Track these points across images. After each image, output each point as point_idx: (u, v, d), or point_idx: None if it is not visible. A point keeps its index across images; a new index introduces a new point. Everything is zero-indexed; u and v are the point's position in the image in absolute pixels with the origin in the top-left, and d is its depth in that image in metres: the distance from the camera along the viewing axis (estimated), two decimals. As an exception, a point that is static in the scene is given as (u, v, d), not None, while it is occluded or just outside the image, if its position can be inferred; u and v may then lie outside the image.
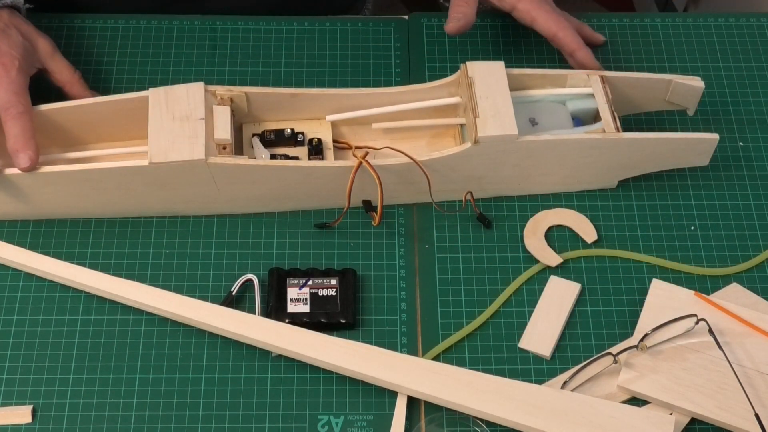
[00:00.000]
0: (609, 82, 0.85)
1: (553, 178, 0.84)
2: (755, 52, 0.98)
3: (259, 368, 0.76)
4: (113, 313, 0.79)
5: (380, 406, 0.75)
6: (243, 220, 0.84)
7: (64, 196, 0.80)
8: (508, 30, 0.98)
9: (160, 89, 0.81)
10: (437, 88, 0.85)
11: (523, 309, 0.80)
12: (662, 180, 0.88)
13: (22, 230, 0.83)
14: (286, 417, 0.74)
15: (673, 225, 0.85)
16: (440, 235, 0.84)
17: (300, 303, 0.78)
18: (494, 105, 0.80)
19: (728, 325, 0.77)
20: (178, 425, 0.74)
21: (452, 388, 0.73)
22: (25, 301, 0.79)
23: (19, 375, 0.76)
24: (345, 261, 0.82)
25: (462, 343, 0.78)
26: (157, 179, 0.79)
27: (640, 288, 0.81)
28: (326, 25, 0.98)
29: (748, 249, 0.84)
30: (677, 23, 1.00)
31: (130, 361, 0.77)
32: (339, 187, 0.80)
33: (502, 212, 0.85)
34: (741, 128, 0.92)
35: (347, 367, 0.74)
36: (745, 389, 0.73)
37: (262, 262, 0.82)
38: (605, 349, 0.77)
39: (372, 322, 0.79)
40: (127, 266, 0.81)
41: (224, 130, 0.80)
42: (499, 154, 0.81)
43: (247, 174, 0.80)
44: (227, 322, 0.76)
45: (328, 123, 0.85)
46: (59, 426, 0.73)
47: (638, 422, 0.71)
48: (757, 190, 0.88)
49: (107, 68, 0.93)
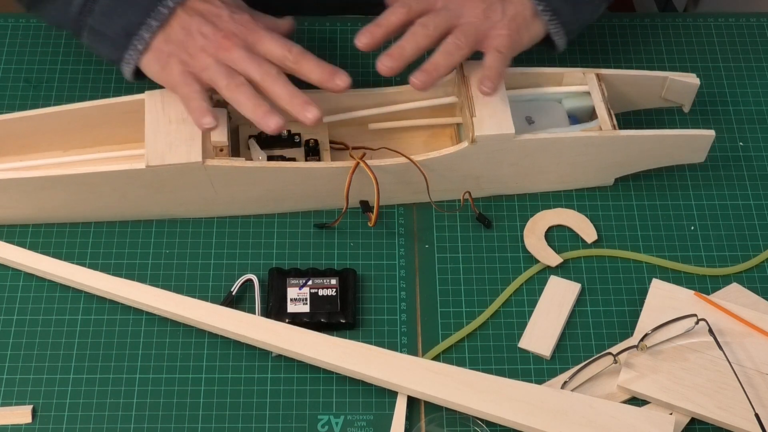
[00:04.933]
0: (605, 79, 0.85)
1: (551, 176, 0.84)
2: (755, 51, 0.98)
3: (259, 368, 0.77)
4: (113, 313, 0.79)
5: (380, 406, 0.75)
6: (243, 220, 0.84)
7: (61, 200, 0.80)
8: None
9: (156, 92, 0.81)
10: (434, 88, 0.84)
11: (523, 309, 0.80)
12: (662, 180, 0.88)
13: (22, 230, 0.83)
14: (286, 417, 0.74)
15: (673, 225, 0.85)
16: (440, 235, 0.84)
17: (300, 303, 0.78)
18: (491, 104, 0.80)
19: (728, 325, 0.77)
20: (178, 425, 0.74)
21: (452, 388, 0.73)
22: (25, 301, 0.79)
23: (19, 375, 0.76)
24: (345, 261, 0.82)
25: (462, 343, 0.78)
26: (154, 182, 0.79)
27: (640, 288, 0.81)
28: (326, 25, 0.98)
29: (748, 249, 0.84)
30: (677, 23, 1.00)
31: (130, 361, 0.77)
32: (336, 187, 0.80)
33: (502, 212, 0.85)
34: (741, 128, 0.92)
35: (347, 367, 0.74)
36: (745, 389, 0.73)
37: (262, 262, 0.82)
38: (605, 349, 0.77)
39: (372, 322, 0.79)
40: (127, 266, 0.81)
41: (221, 132, 0.80)
42: (497, 153, 0.81)
43: (245, 176, 0.80)
44: (227, 322, 0.76)
45: (325, 124, 0.85)
46: (59, 426, 0.73)
47: (638, 422, 0.71)
48: (757, 190, 0.88)
49: (107, 68, 0.93)
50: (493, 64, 0.79)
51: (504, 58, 0.80)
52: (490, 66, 0.79)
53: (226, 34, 0.78)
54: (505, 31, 0.80)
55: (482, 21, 0.80)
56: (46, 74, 0.93)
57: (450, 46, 0.79)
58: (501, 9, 0.80)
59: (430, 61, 0.79)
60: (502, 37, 0.80)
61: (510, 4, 0.81)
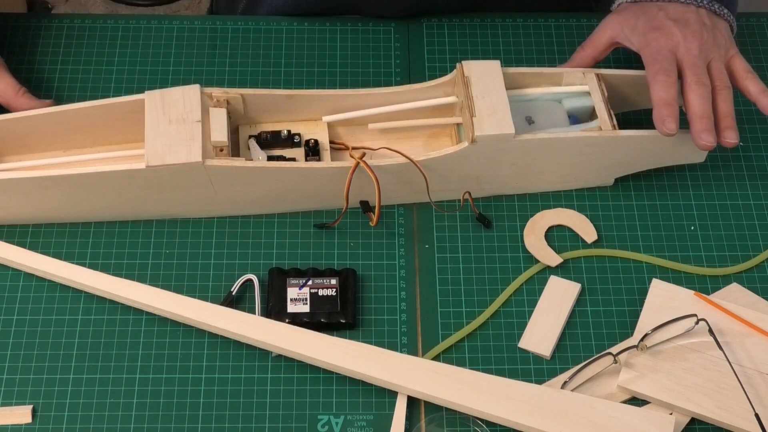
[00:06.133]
0: (605, 79, 0.85)
1: (551, 176, 0.84)
2: (755, 52, 0.98)
3: (259, 368, 0.77)
4: (113, 313, 0.79)
5: (380, 406, 0.75)
6: (243, 220, 0.84)
7: (61, 200, 0.80)
8: (508, 30, 0.98)
9: (156, 92, 0.80)
10: (433, 88, 0.85)
11: (523, 309, 0.80)
12: (662, 180, 0.88)
13: (22, 230, 0.83)
14: (286, 417, 0.74)
15: (673, 225, 0.85)
16: (440, 235, 0.84)
17: (300, 303, 0.78)
18: (491, 104, 0.80)
19: (728, 325, 0.77)
20: (178, 425, 0.74)
21: (452, 388, 0.73)
22: (25, 301, 0.79)
23: (19, 375, 0.76)
24: (345, 261, 0.82)
25: (462, 343, 0.78)
26: (154, 182, 0.79)
27: (640, 288, 0.81)
28: (326, 25, 0.98)
29: (748, 249, 0.84)
30: (677, 23, 0.99)
31: (130, 361, 0.77)
32: (337, 188, 0.80)
33: (502, 212, 0.85)
34: (741, 128, 0.91)
35: (347, 367, 0.74)
36: (745, 389, 0.73)
37: (262, 262, 0.82)
38: (605, 349, 0.77)
39: (372, 322, 0.79)
40: (127, 266, 0.81)
41: (221, 132, 0.80)
42: (496, 153, 0.81)
43: (245, 176, 0.80)
44: (227, 322, 0.76)
45: (325, 124, 0.85)
46: (59, 426, 0.73)
47: (638, 422, 0.71)
48: (757, 190, 0.88)
49: (107, 68, 0.93)
50: (758, 86, 0.84)
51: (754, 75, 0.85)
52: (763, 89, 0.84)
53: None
54: (735, 49, 0.86)
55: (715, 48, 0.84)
56: (46, 74, 0.93)
57: (724, 92, 0.83)
58: (715, 33, 0.85)
59: (723, 115, 0.82)
60: (739, 58, 0.85)
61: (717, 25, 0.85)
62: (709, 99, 0.81)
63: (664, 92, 0.80)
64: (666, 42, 0.83)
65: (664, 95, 0.80)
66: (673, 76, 0.81)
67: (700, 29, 0.84)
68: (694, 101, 0.80)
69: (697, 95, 0.80)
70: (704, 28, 0.84)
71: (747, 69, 0.85)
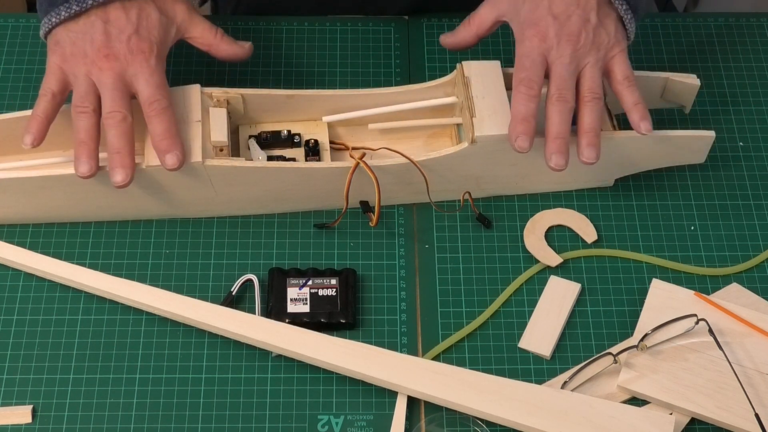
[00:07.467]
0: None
1: (550, 177, 0.84)
2: (755, 52, 0.98)
3: (259, 368, 0.77)
4: (113, 313, 0.79)
5: (380, 406, 0.75)
6: (243, 220, 0.84)
7: (61, 200, 0.80)
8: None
9: None
10: (433, 88, 0.85)
11: (523, 309, 0.80)
12: (662, 180, 0.88)
13: (22, 230, 0.83)
14: (286, 417, 0.74)
15: (673, 225, 0.85)
16: (440, 235, 0.84)
17: (300, 303, 0.78)
18: (491, 104, 0.80)
19: (728, 325, 0.77)
20: (178, 425, 0.74)
21: (452, 388, 0.73)
22: (25, 301, 0.79)
23: (19, 375, 0.76)
24: (345, 261, 0.82)
25: (462, 343, 0.78)
26: (153, 182, 0.79)
27: (640, 288, 0.81)
28: (326, 25, 0.98)
29: (748, 249, 0.84)
30: (677, 23, 1.00)
31: (130, 361, 0.77)
32: (337, 188, 0.80)
33: (502, 212, 0.85)
34: (741, 128, 0.92)
35: (347, 367, 0.74)
36: (745, 389, 0.73)
37: (262, 262, 0.82)
38: (605, 349, 0.77)
39: (372, 322, 0.79)
40: (127, 266, 0.81)
41: (221, 132, 0.80)
42: (496, 154, 0.81)
43: (245, 176, 0.80)
44: (227, 322, 0.76)
45: (325, 124, 0.85)
46: (59, 426, 0.73)
47: (638, 422, 0.71)
48: (757, 190, 0.88)
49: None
50: (632, 97, 0.79)
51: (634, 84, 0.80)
52: (636, 101, 0.79)
53: (109, 54, 0.76)
54: (620, 48, 0.79)
55: (598, 50, 0.78)
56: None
57: (591, 104, 0.77)
58: (597, 31, 0.79)
59: (585, 130, 0.77)
60: (621, 60, 0.79)
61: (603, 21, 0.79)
62: (568, 116, 0.76)
63: (522, 106, 0.76)
64: (538, 44, 0.77)
65: (522, 109, 0.76)
66: (536, 89, 0.76)
67: (578, 30, 0.77)
68: (551, 118, 0.76)
69: (556, 111, 0.76)
70: (585, 28, 0.77)
71: (625, 75, 0.79)
